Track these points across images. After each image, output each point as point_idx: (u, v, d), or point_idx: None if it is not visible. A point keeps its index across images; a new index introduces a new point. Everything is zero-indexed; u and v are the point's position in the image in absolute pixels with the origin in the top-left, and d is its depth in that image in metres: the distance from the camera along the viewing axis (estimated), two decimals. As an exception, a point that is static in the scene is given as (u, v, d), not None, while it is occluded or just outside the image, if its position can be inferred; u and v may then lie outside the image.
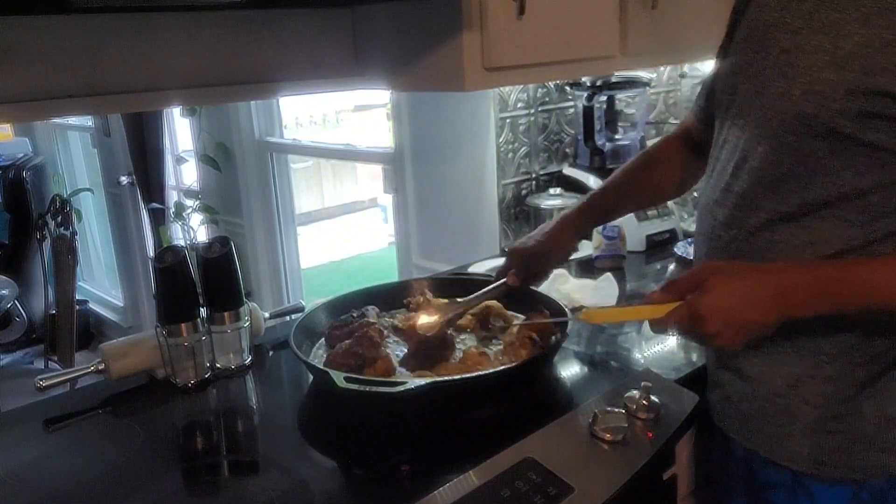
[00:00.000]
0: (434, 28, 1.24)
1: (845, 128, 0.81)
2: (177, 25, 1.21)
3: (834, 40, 0.81)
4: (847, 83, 0.80)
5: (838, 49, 0.80)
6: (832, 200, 0.84)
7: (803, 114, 0.83)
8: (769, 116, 0.87)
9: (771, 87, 0.87)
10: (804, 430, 0.91)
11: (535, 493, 0.87)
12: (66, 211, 3.33)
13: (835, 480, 0.91)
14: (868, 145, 0.81)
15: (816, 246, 0.86)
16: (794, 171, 0.86)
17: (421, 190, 2.14)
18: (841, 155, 0.82)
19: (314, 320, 1.30)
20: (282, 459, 1.02)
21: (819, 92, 0.82)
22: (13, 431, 1.13)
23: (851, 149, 0.82)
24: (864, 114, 0.80)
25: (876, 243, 0.84)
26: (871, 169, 0.82)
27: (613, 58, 1.46)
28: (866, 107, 0.79)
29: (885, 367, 0.88)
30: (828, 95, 0.81)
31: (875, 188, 0.82)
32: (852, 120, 0.80)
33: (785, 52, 0.86)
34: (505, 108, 1.88)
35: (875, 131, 0.80)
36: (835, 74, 0.80)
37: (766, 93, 0.88)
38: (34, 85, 1.09)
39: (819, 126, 0.82)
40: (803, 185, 0.86)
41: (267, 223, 2.82)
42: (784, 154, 0.86)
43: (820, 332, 0.89)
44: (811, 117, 0.83)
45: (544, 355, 1.12)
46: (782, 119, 0.86)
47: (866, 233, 0.84)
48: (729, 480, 1.04)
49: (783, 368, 0.93)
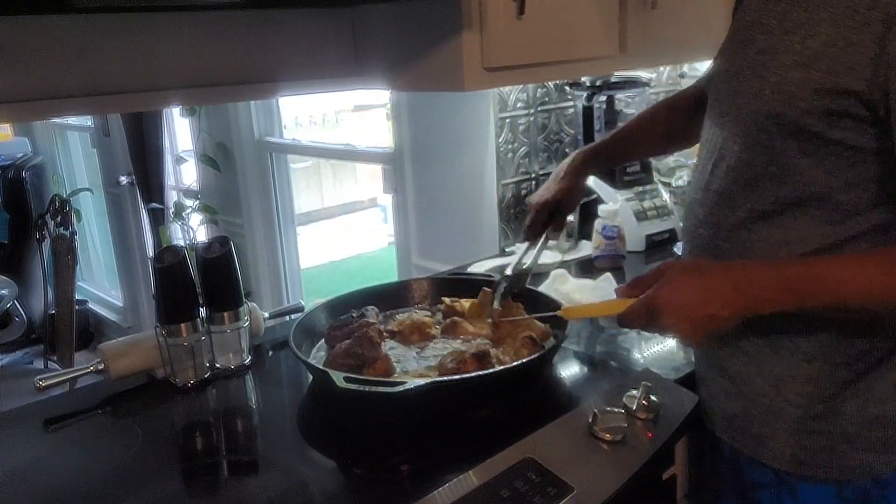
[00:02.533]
0: (434, 28, 1.24)
1: (813, 126, 0.82)
2: (177, 25, 1.21)
3: (802, 40, 0.82)
4: (813, 82, 0.81)
5: (806, 49, 0.81)
6: (805, 199, 0.85)
7: (773, 113, 0.84)
8: (744, 115, 0.89)
9: (747, 86, 0.89)
10: (787, 430, 0.92)
11: (534, 493, 0.87)
12: (65, 211, 3.33)
13: (818, 480, 0.92)
14: (837, 144, 0.82)
15: (792, 244, 0.87)
16: (768, 169, 0.87)
17: (421, 190, 2.14)
18: (811, 154, 0.84)
19: (314, 320, 1.30)
20: (281, 459, 1.02)
21: (788, 91, 0.83)
22: (13, 431, 1.13)
23: (821, 148, 0.83)
24: (830, 112, 0.81)
25: (851, 241, 0.85)
26: (841, 168, 0.83)
27: (613, 58, 1.46)
28: (832, 106, 0.80)
29: (867, 367, 0.88)
30: (795, 94, 0.82)
31: (846, 187, 0.83)
32: (819, 119, 0.81)
33: (760, 53, 0.87)
34: (505, 108, 1.88)
35: (842, 130, 0.81)
36: (802, 73, 0.81)
37: (742, 92, 0.90)
38: (34, 85, 1.09)
39: (788, 125, 0.83)
40: (777, 184, 0.87)
41: (266, 223, 2.82)
42: (757, 153, 0.88)
43: (798, 332, 0.90)
44: (781, 116, 0.84)
45: (544, 355, 1.12)
46: (755, 118, 0.87)
47: (840, 231, 0.85)
48: (719, 480, 1.05)
49: (765, 368, 0.93)
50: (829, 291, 0.81)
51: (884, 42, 0.75)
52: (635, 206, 1.85)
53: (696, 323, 0.84)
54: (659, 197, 1.91)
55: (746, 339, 0.94)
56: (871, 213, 0.84)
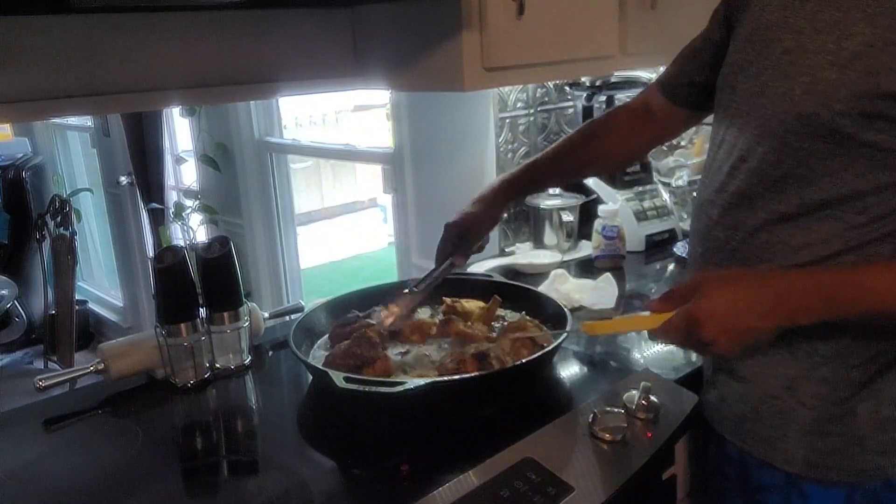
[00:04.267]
0: (434, 28, 1.24)
1: (847, 128, 0.80)
2: (177, 25, 1.21)
3: (837, 40, 0.81)
4: (850, 83, 0.79)
5: (841, 49, 0.80)
6: (831, 201, 0.84)
7: (804, 114, 0.83)
8: (769, 116, 0.87)
9: (772, 87, 0.87)
10: (799, 432, 0.91)
11: (534, 493, 0.87)
12: (65, 211, 3.32)
13: (829, 483, 0.90)
14: (869, 146, 0.81)
15: (814, 246, 0.86)
16: (794, 171, 0.86)
17: (421, 190, 2.13)
18: (841, 156, 0.82)
19: (314, 320, 1.30)
20: (281, 459, 1.02)
21: (821, 92, 0.81)
22: (13, 431, 1.13)
23: (852, 150, 0.81)
24: (866, 114, 0.79)
25: (874, 243, 0.84)
26: (871, 170, 0.82)
27: (613, 58, 1.46)
28: (869, 107, 0.79)
29: (881, 368, 0.88)
30: (830, 95, 0.81)
31: (874, 189, 0.82)
32: (854, 120, 0.80)
33: (787, 52, 0.86)
34: (504, 109, 1.88)
35: (877, 132, 0.80)
36: (837, 74, 0.80)
37: (766, 93, 0.88)
38: (34, 85, 1.09)
39: (820, 126, 0.82)
40: (803, 186, 0.85)
41: (266, 223, 2.82)
42: (784, 154, 0.86)
43: (815, 334, 0.88)
44: (812, 117, 0.82)
45: (544, 355, 1.12)
46: (783, 119, 0.85)
47: (864, 233, 0.84)
48: (723, 481, 1.04)
49: (778, 370, 0.92)
50: (869, 300, 0.80)
51: None
52: (635, 206, 1.85)
53: (736, 336, 0.82)
54: (659, 197, 1.91)
55: None
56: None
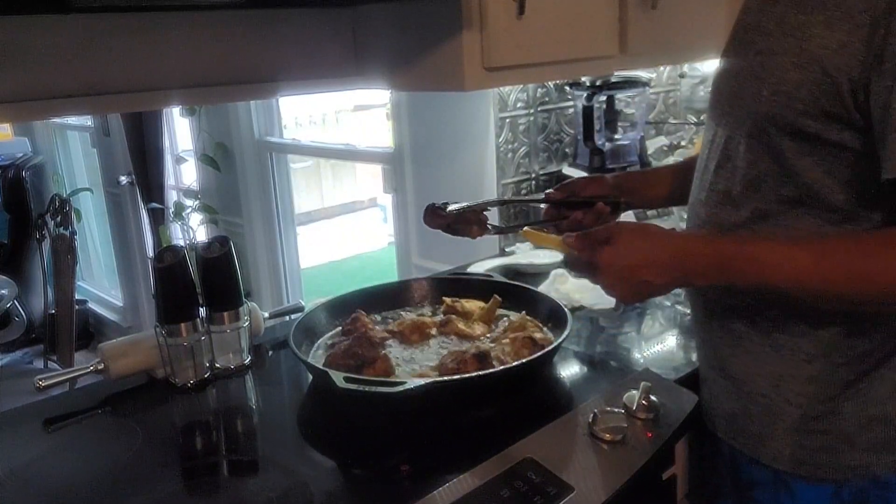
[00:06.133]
0: (434, 28, 1.24)
1: (809, 128, 0.83)
2: (176, 25, 1.21)
3: (799, 42, 0.83)
4: (809, 84, 0.81)
5: (803, 51, 0.82)
6: (806, 198, 0.86)
7: (771, 114, 0.85)
8: (745, 116, 0.90)
9: (746, 87, 0.90)
10: (787, 430, 0.93)
11: (534, 493, 0.87)
12: (65, 211, 3.32)
13: (817, 479, 0.92)
14: (835, 145, 0.83)
15: None
16: (770, 169, 0.88)
17: (421, 190, 2.13)
18: (809, 154, 0.84)
19: (314, 320, 1.30)
20: (281, 459, 1.02)
21: (785, 93, 0.84)
22: (13, 431, 1.13)
23: (819, 148, 0.84)
24: (827, 115, 0.81)
25: None
26: (839, 168, 0.84)
27: (613, 58, 1.46)
28: (828, 107, 0.81)
29: (868, 367, 0.89)
30: (793, 96, 0.83)
31: (845, 187, 0.84)
32: (816, 120, 0.82)
33: (759, 54, 0.88)
34: (505, 108, 1.88)
35: (839, 131, 0.82)
36: (799, 75, 0.82)
37: (742, 93, 0.90)
38: (34, 85, 1.09)
39: (786, 126, 0.84)
40: (779, 184, 0.88)
41: (266, 223, 2.82)
42: (759, 153, 0.88)
43: (800, 332, 0.90)
44: (778, 117, 0.85)
45: (544, 355, 1.12)
46: (755, 119, 0.88)
47: (841, 230, 0.86)
48: (717, 479, 1.05)
49: (765, 368, 0.94)
50: (759, 274, 0.83)
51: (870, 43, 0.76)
52: (635, 206, 1.85)
53: (630, 285, 0.89)
54: (659, 197, 1.91)
55: (748, 339, 0.94)
56: (871, 213, 0.85)
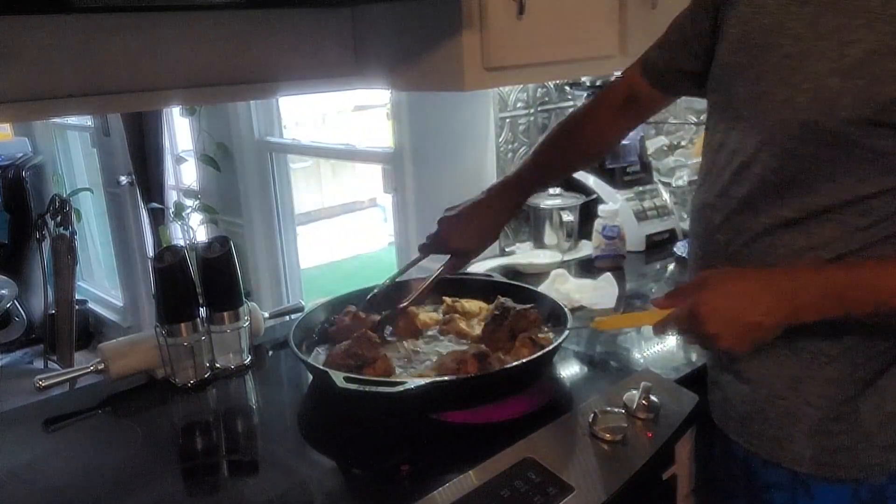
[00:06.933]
0: (434, 28, 1.24)
1: (852, 135, 0.80)
2: (176, 25, 1.21)
3: (839, 46, 0.80)
4: (854, 91, 0.79)
5: (844, 56, 0.79)
6: (834, 205, 0.84)
7: (807, 121, 0.82)
8: (771, 123, 0.86)
9: (773, 93, 0.86)
10: (807, 432, 0.91)
11: (534, 493, 0.87)
12: (65, 211, 3.32)
13: (835, 479, 0.91)
14: (873, 151, 0.80)
15: (817, 250, 0.86)
16: (797, 177, 0.85)
17: (421, 190, 2.13)
18: (845, 161, 0.82)
19: (314, 320, 1.30)
20: (281, 459, 1.02)
21: (825, 100, 0.81)
22: (13, 431, 1.13)
23: (855, 155, 0.81)
24: (871, 122, 0.79)
25: (876, 246, 0.84)
26: (874, 174, 0.82)
27: (613, 58, 1.46)
28: (873, 115, 0.78)
29: (885, 364, 0.88)
30: (834, 103, 0.80)
31: (878, 193, 0.82)
32: (859, 127, 0.79)
33: (787, 58, 0.85)
34: (505, 108, 1.88)
35: (881, 138, 0.79)
36: (841, 82, 0.79)
37: (767, 99, 0.87)
38: (34, 85, 1.09)
39: (824, 133, 0.81)
40: (806, 191, 0.85)
41: (266, 223, 2.82)
42: (787, 160, 0.86)
43: (819, 334, 0.88)
44: (816, 125, 0.82)
45: (544, 355, 1.12)
46: (785, 126, 0.85)
47: (867, 236, 0.84)
48: (729, 481, 1.04)
49: (783, 370, 0.92)
50: (875, 299, 0.80)
51: None
52: (635, 205, 1.85)
53: (740, 330, 0.82)
54: (659, 197, 1.91)
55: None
56: None
